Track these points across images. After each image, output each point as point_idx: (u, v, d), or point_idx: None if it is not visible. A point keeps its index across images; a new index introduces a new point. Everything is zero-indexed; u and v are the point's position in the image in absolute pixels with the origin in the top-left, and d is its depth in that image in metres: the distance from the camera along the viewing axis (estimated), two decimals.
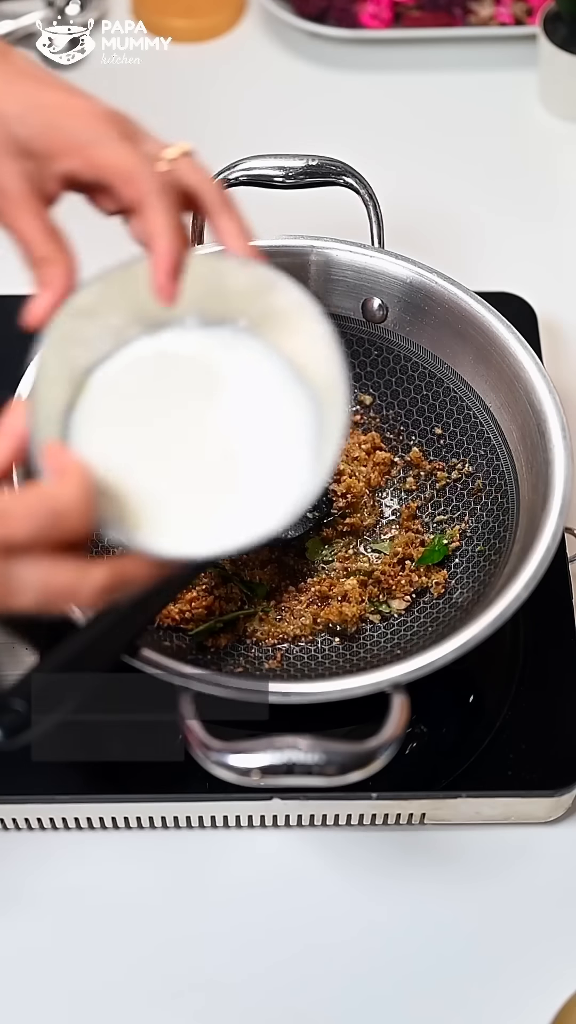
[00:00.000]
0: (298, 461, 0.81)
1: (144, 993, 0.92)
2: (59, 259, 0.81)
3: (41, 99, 0.82)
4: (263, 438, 0.82)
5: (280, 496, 0.80)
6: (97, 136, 0.80)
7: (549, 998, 0.89)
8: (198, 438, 0.81)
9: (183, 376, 0.83)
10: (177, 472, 0.80)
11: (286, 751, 0.81)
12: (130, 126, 0.83)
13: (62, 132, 0.81)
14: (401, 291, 1.03)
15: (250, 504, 0.80)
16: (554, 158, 1.36)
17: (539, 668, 0.99)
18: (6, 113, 0.81)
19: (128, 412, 0.82)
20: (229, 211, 0.83)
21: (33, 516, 0.72)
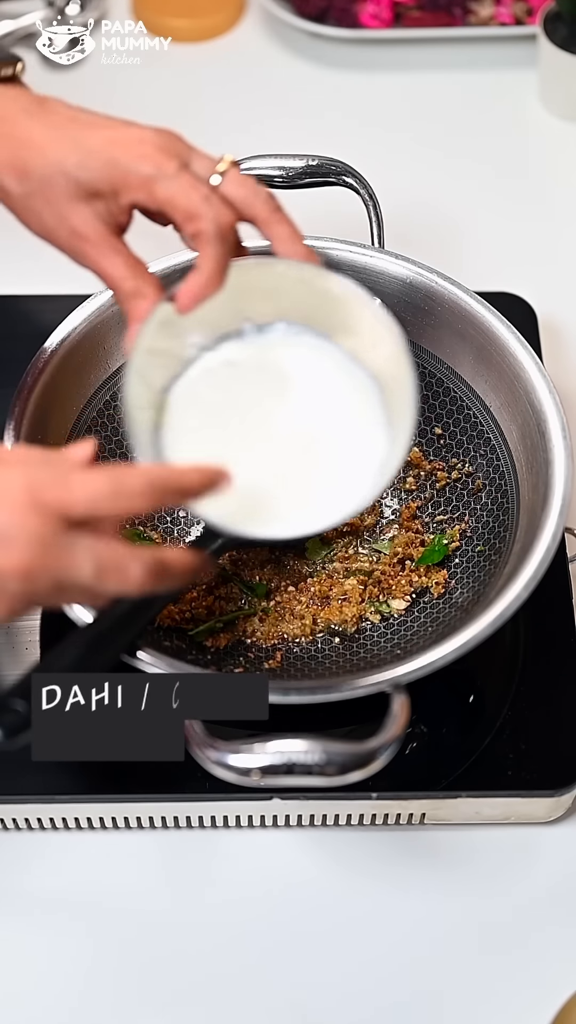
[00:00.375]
0: (374, 441, 0.88)
1: (144, 992, 0.92)
2: (146, 292, 0.87)
3: (95, 141, 0.85)
4: (337, 424, 0.89)
5: (364, 473, 0.87)
6: (158, 170, 0.84)
7: (549, 998, 0.89)
8: (279, 432, 0.88)
9: (253, 379, 0.90)
10: (267, 465, 0.87)
11: (286, 751, 0.81)
12: (182, 146, 0.86)
13: (123, 170, 0.85)
14: (401, 291, 1.03)
15: (340, 483, 0.87)
16: (554, 158, 1.36)
17: (539, 668, 0.99)
18: (65, 163, 0.85)
19: (211, 420, 0.88)
20: (279, 218, 0.87)
21: (100, 491, 0.75)
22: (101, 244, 0.86)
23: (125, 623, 0.86)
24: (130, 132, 0.86)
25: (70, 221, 0.86)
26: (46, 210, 0.86)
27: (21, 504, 0.74)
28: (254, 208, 0.86)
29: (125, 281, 0.87)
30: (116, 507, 0.76)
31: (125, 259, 0.87)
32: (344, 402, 0.90)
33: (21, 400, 0.96)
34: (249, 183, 0.86)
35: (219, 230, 0.84)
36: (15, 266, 0.92)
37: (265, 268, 0.89)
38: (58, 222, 0.86)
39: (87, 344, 1.00)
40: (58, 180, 0.85)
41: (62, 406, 0.99)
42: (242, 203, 0.86)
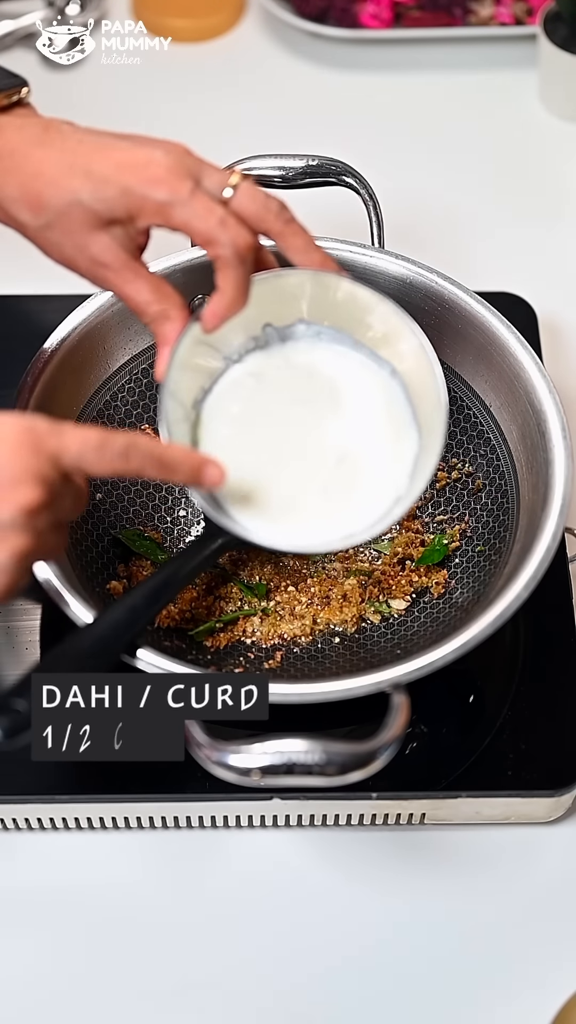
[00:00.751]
0: (402, 455, 0.92)
1: (144, 992, 0.92)
2: (172, 314, 0.88)
3: (106, 167, 0.85)
4: (366, 435, 0.92)
5: (387, 497, 0.91)
6: (172, 195, 0.84)
7: (549, 998, 0.89)
8: (309, 444, 0.92)
9: (281, 389, 0.93)
10: (297, 477, 0.91)
11: (286, 751, 0.81)
12: (192, 162, 0.86)
13: (138, 197, 0.85)
14: (401, 291, 1.02)
15: (364, 505, 0.91)
16: (554, 158, 1.36)
17: (539, 668, 0.99)
18: (79, 193, 0.85)
19: (240, 431, 0.92)
20: (292, 229, 0.88)
21: (89, 442, 0.80)
22: (123, 270, 0.87)
23: (125, 623, 0.86)
24: (139, 154, 0.85)
25: (89, 250, 0.86)
26: (65, 241, 0.86)
27: (24, 446, 0.78)
28: (267, 222, 0.87)
29: (151, 305, 0.87)
30: (100, 461, 0.79)
31: (148, 282, 0.87)
32: (372, 409, 0.93)
33: (21, 400, 0.96)
34: (260, 196, 0.87)
35: (237, 253, 0.85)
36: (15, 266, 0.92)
37: (283, 278, 0.90)
38: (77, 252, 0.87)
39: (87, 344, 1.00)
40: (74, 211, 0.85)
41: (62, 406, 0.99)
42: (255, 217, 0.86)
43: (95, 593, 0.95)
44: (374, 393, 0.93)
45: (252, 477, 0.90)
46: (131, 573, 1.01)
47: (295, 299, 0.92)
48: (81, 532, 0.99)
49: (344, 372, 0.94)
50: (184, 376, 0.89)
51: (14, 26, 1.40)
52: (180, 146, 0.86)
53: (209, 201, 0.85)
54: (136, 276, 0.87)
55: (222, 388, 0.93)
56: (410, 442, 0.92)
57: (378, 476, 0.92)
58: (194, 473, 0.84)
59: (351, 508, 0.91)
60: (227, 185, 0.86)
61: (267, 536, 0.89)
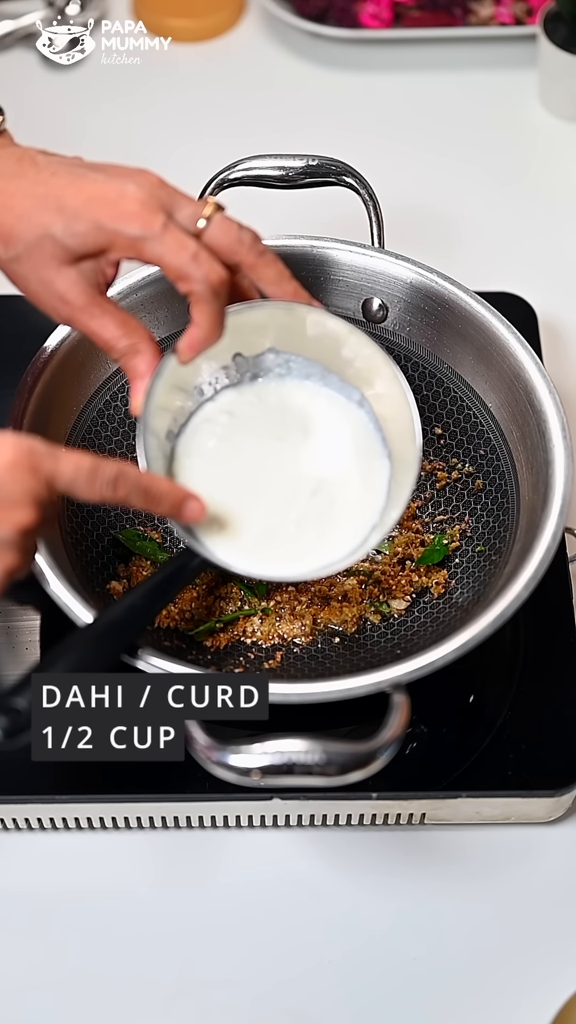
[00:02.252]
0: (375, 484, 0.93)
1: (144, 993, 0.92)
2: (141, 348, 0.88)
3: (78, 202, 0.84)
4: (339, 468, 0.93)
5: (354, 536, 0.91)
6: (144, 230, 0.84)
7: (549, 998, 0.89)
8: (277, 480, 0.92)
9: (254, 425, 0.94)
10: (270, 510, 0.92)
11: (286, 751, 0.81)
12: (164, 194, 0.85)
13: (110, 231, 0.84)
14: (401, 291, 1.03)
15: (340, 534, 0.91)
16: (554, 158, 1.36)
17: (539, 668, 0.99)
18: (51, 228, 0.84)
19: (215, 467, 0.92)
20: (265, 261, 0.88)
21: (82, 468, 0.81)
22: (88, 307, 0.86)
23: (125, 623, 0.86)
24: (111, 187, 0.84)
25: (55, 287, 0.86)
26: (31, 275, 0.86)
27: (25, 469, 0.79)
28: (239, 254, 0.87)
29: (119, 340, 0.87)
30: (90, 487, 0.81)
31: (114, 318, 0.87)
32: (343, 442, 0.94)
33: (21, 400, 0.96)
34: (233, 228, 0.86)
35: (211, 288, 0.85)
36: None
37: (256, 309, 0.91)
38: (42, 287, 0.86)
39: (87, 344, 1.00)
40: (45, 245, 0.84)
41: (62, 406, 0.99)
42: (227, 250, 0.86)
43: (95, 593, 0.95)
44: (345, 426, 0.94)
45: (228, 510, 0.91)
46: (131, 573, 1.01)
47: (266, 329, 0.92)
48: (81, 532, 0.99)
49: (315, 407, 0.95)
50: (159, 409, 0.90)
51: (14, 26, 1.40)
52: (153, 177, 0.86)
53: (182, 235, 0.84)
54: (102, 312, 0.87)
55: (196, 424, 0.93)
56: (383, 472, 0.93)
57: (352, 507, 0.92)
58: (176, 506, 0.86)
59: (327, 539, 0.91)
60: (200, 216, 0.85)
61: (244, 567, 0.89)
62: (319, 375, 0.94)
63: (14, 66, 1.41)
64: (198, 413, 0.94)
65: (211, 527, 0.90)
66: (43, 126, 1.35)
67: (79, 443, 1.00)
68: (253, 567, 0.89)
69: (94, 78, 1.39)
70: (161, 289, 1.00)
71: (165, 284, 0.98)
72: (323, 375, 0.94)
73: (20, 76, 1.40)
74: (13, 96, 1.00)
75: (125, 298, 1.00)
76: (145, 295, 1.01)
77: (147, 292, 1.01)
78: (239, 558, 0.89)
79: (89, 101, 1.39)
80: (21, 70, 1.41)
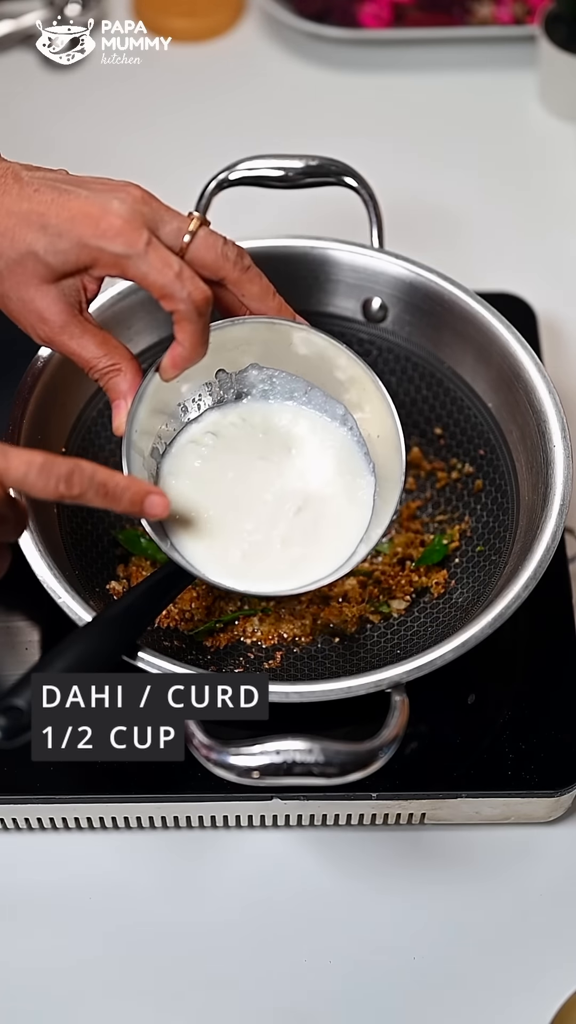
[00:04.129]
0: (359, 499, 0.93)
1: (144, 992, 0.92)
2: (121, 367, 0.88)
3: (61, 219, 0.83)
4: (324, 486, 0.94)
5: (340, 552, 0.92)
6: (128, 248, 0.83)
7: (549, 998, 0.89)
8: (262, 499, 0.93)
9: (239, 446, 0.94)
10: (251, 529, 0.92)
11: (286, 751, 0.81)
12: (148, 210, 0.84)
13: (93, 249, 0.83)
14: (401, 291, 1.03)
15: (325, 549, 0.92)
16: (554, 158, 1.36)
17: (539, 668, 0.99)
18: (34, 246, 0.84)
19: (201, 486, 0.92)
20: (249, 277, 0.88)
21: (33, 464, 0.79)
22: (68, 326, 0.86)
23: (125, 623, 0.86)
24: (94, 204, 0.83)
25: (34, 304, 0.85)
26: (12, 293, 0.85)
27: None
28: (224, 270, 0.87)
29: (100, 360, 0.87)
30: (44, 484, 0.79)
31: (94, 337, 0.87)
32: (327, 460, 0.94)
33: (21, 400, 0.96)
34: (217, 244, 0.86)
35: (195, 307, 0.84)
36: None
37: (239, 326, 0.91)
38: (22, 306, 0.86)
39: None
40: (27, 262, 0.84)
41: (62, 406, 0.99)
42: (212, 266, 0.86)
43: (95, 593, 0.95)
44: (329, 445, 0.95)
45: (214, 528, 0.91)
46: (131, 573, 1.01)
47: (248, 345, 0.93)
48: (81, 532, 0.99)
49: (299, 427, 0.95)
50: (142, 426, 0.90)
51: (14, 26, 1.40)
52: (137, 191, 0.85)
53: (165, 253, 0.83)
54: (83, 332, 0.86)
55: (182, 444, 0.94)
56: (367, 489, 0.93)
57: (337, 524, 0.93)
58: (136, 502, 0.84)
59: (312, 555, 0.92)
60: (185, 231, 0.85)
61: (231, 584, 0.90)
62: (303, 390, 0.95)
63: (14, 66, 1.41)
64: (183, 434, 0.94)
65: (197, 544, 0.91)
66: (43, 126, 1.36)
67: (78, 445, 1.00)
68: (239, 584, 0.90)
69: (94, 78, 1.39)
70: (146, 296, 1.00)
71: None
72: (307, 390, 0.95)
73: (20, 76, 1.40)
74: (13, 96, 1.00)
75: (124, 299, 1.00)
76: (139, 299, 1.00)
77: (142, 295, 1.00)
78: (225, 575, 0.90)
79: (89, 101, 1.39)
80: (21, 70, 1.41)
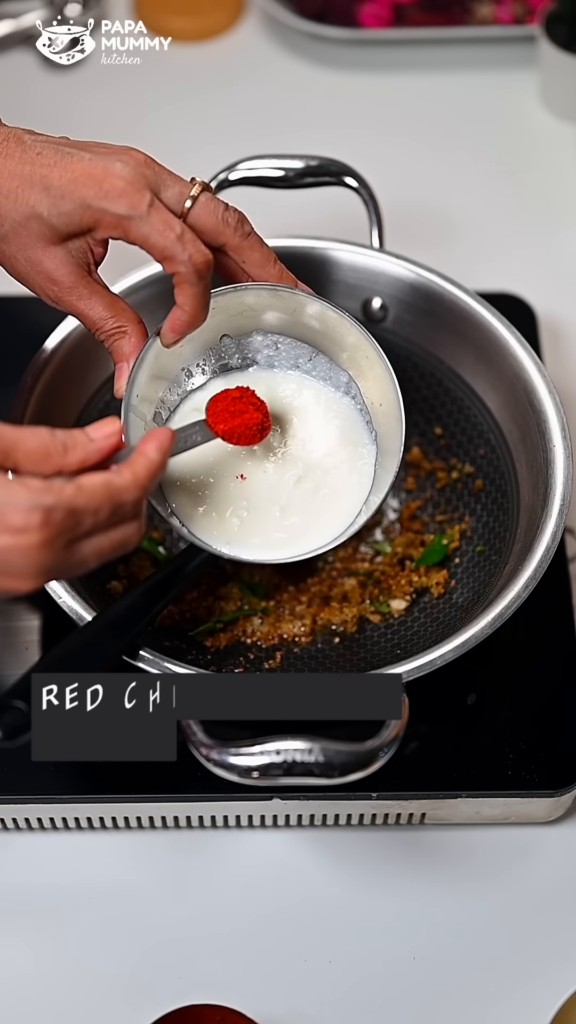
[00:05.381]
0: (361, 468, 0.92)
1: (144, 992, 0.92)
2: (129, 330, 0.87)
3: (64, 181, 0.83)
4: (326, 454, 0.93)
5: (340, 520, 0.91)
6: (130, 210, 0.83)
7: (549, 998, 0.89)
8: (264, 468, 0.92)
9: None
10: (252, 497, 0.92)
11: (286, 751, 0.81)
12: (151, 173, 0.85)
13: (96, 210, 0.83)
14: (401, 291, 1.03)
15: (328, 516, 0.91)
16: (554, 158, 1.36)
17: (539, 668, 0.99)
18: (37, 207, 0.84)
19: (202, 455, 0.91)
20: (249, 243, 0.88)
21: (99, 509, 0.75)
22: (76, 287, 0.86)
23: (125, 623, 0.86)
24: (97, 165, 0.83)
25: (43, 266, 0.85)
26: (18, 255, 0.86)
27: None
28: (224, 235, 0.87)
29: (106, 322, 0.87)
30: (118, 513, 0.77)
31: (102, 298, 0.87)
32: (330, 430, 0.94)
33: (21, 400, 0.96)
34: (219, 209, 0.86)
35: (196, 270, 0.84)
36: None
37: (241, 292, 0.91)
38: (30, 267, 0.86)
39: (87, 344, 1.00)
40: (31, 224, 0.84)
41: (62, 406, 0.99)
42: (212, 231, 0.86)
43: (95, 593, 0.95)
44: (332, 415, 0.94)
45: (214, 497, 0.91)
46: (131, 573, 1.01)
47: (252, 311, 0.92)
48: None
49: (303, 396, 0.95)
50: (143, 391, 0.90)
51: (14, 26, 1.40)
52: (140, 155, 0.85)
53: (167, 215, 0.84)
54: (91, 292, 0.87)
55: (184, 412, 0.93)
56: (368, 458, 0.93)
57: (337, 493, 0.92)
58: (92, 451, 0.78)
59: (311, 524, 0.92)
60: (187, 196, 0.85)
61: (230, 551, 0.90)
62: (307, 357, 0.95)
63: (14, 66, 1.41)
64: (187, 401, 0.94)
65: (196, 511, 0.91)
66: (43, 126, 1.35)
67: None
68: (237, 551, 0.90)
69: (94, 78, 1.39)
70: (160, 290, 1.00)
71: (164, 285, 0.98)
72: (311, 356, 0.94)
73: (20, 76, 1.40)
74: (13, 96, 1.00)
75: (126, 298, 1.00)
76: (145, 295, 1.00)
77: (147, 292, 1.00)
78: (223, 543, 0.90)
79: (89, 101, 1.38)
80: (21, 70, 1.41)
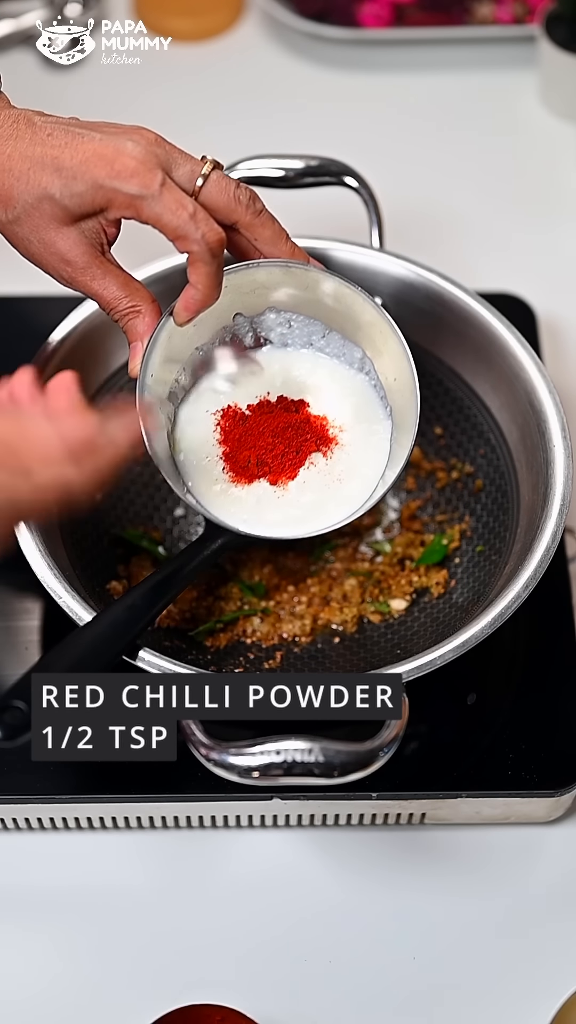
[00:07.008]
0: (376, 446, 0.92)
1: (144, 992, 0.92)
2: (143, 309, 0.88)
3: (75, 161, 0.84)
4: (340, 431, 0.93)
5: (356, 496, 0.91)
6: (142, 189, 0.83)
7: (549, 998, 0.89)
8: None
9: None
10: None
11: (286, 751, 0.81)
12: (162, 151, 0.85)
13: (108, 190, 0.84)
14: (401, 291, 1.03)
15: (342, 492, 0.91)
16: (554, 158, 1.36)
17: (539, 668, 0.99)
18: (49, 188, 0.84)
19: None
20: (261, 220, 0.88)
21: None
22: (90, 267, 0.86)
23: (125, 623, 0.86)
24: (108, 145, 0.84)
25: (56, 247, 0.85)
26: (32, 236, 0.86)
27: None
28: (236, 213, 0.87)
29: (120, 301, 0.87)
30: None
31: (116, 278, 0.87)
32: (344, 407, 0.94)
33: None
34: (230, 187, 0.86)
35: (208, 248, 0.84)
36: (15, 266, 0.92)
37: (254, 269, 0.91)
38: (44, 248, 0.86)
39: (87, 344, 1.00)
40: (44, 206, 0.84)
41: None
42: (225, 209, 0.86)
43: (95, 593, 0.95)
44: (347, 393, 0.94)
45: (232, 475, 0.91)
46: (131, 573, 1.01)
47: (265, 289, 0.92)
48: (81, 532, 0.99)
49: (317, 374, 0.95)
50: (158, 371, 0.90)
51: (14, 26, 1.40)
52: (150, 134, 0.86)
53: (180, 194, 0.84)
54: (104, 272, 0.87)
55: (200, 392, 0.94)
56: (384, 434, 0.93)
57: (353, 470, 0.92)
58: None
59: (327, 501, 0.91)
60: (198, 174, 0.85)
61: (247, 528, 0.89)
62: (320, 334, 0.95)
63: (14, 66, 1.41)
64: (202, 380, 0.94)
65: (213, 491, 0.91)
66: None
67: None
68: (256, 528, 0.90)
69: (94, 78, 1.39)
70: (168, 286, 1.00)
71: (171, 281, 0.98)
72: (324, 333, 0.94)
73: (20, 76, 1.40)
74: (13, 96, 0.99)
75: None
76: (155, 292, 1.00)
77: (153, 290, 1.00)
78: (241, 521, 0.90)
79: (89, 101, 1.38)
80: (21, 70, 1.41)
